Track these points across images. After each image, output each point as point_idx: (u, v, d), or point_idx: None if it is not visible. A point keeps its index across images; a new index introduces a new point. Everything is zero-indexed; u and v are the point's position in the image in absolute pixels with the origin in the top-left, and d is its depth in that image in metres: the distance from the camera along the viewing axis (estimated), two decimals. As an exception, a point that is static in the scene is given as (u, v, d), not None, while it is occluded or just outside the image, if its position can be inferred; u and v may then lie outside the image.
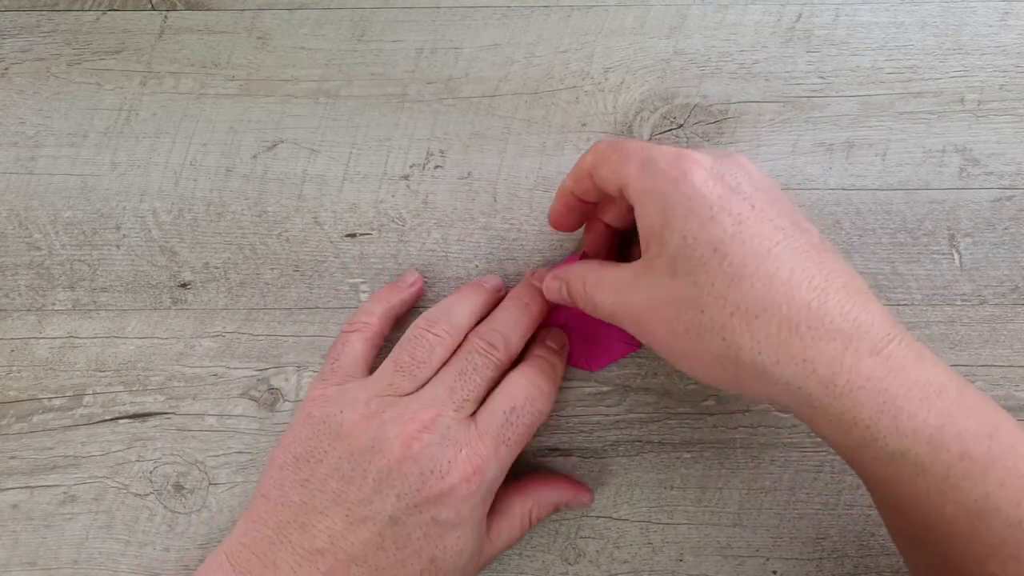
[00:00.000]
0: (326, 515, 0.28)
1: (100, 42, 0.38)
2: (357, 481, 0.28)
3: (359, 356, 0.33)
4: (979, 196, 0.36)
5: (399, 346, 0.32)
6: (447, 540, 0.29)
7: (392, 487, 0.28)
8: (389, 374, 0.31)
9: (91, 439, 0.36)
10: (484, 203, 0.37)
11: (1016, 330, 0.36)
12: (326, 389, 0.32)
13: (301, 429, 0.31)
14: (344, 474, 0.29)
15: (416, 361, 0.31)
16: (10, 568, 0.35)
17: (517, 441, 0.30)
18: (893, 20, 0.37)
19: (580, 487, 0.34)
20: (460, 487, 0.28)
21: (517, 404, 0.31)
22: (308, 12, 0.38)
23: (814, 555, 0.35)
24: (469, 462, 0.29)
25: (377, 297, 0.35)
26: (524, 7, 0.38)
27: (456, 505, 0.28)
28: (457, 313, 0.32)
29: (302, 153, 0.37)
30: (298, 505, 0.29)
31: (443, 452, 0.29)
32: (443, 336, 0.31)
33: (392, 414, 0.29)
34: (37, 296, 0.37)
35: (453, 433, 0.29)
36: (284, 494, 0.29)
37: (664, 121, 0.37)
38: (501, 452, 0.30)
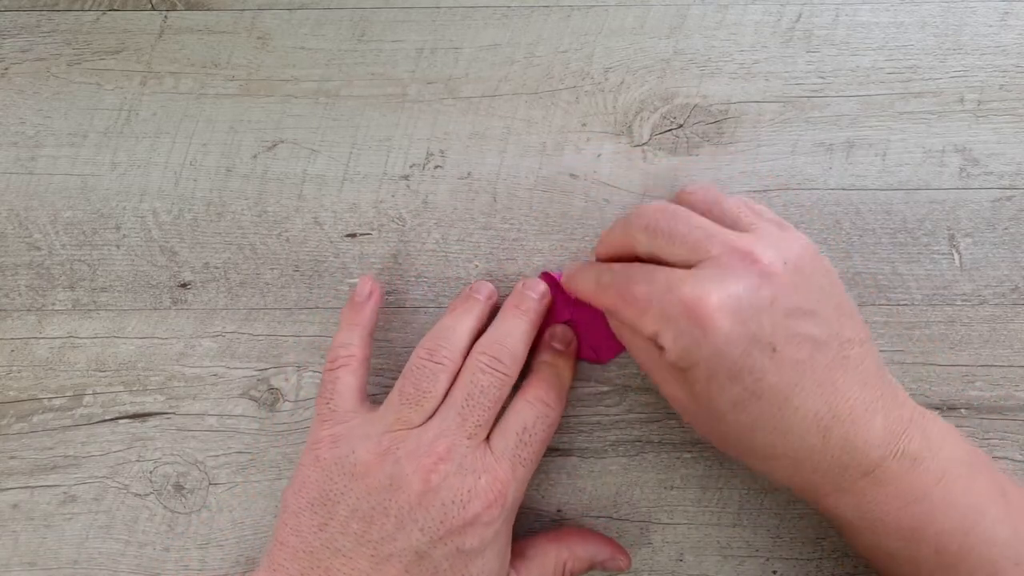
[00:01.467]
0: (350, 557, 0.28)
1: (100, 42, 0.38)
2: (379, 520, 0.28)
3: (353, 391, 0.32)
4: (979, 196, 0.36)
5: (403, 378, 0.31)
6: (472, 568, 0.29)
7: (415, 522, 0.28)
8: (396, 408, 0.30)
9: (91, 439, 0.36)
10: (484, 203, 0.37)
11: (1016, 330, 0.36)
12: (333, 429, 0.31)
13: (311, 472, 0.30)
14: (364, 514, 0.28)
15: (421, 391, 0.30)
16: (10, 568, 0.35)
17: (532, 459, 0.31)
18: (893, 20, 0.37)
19: (619, 548, 0.34)
20: (483, 515, 0.28)
21: (528, 423, 0.31)
22: (308, 12, 0.38)
23: (814, 555, 0.35)
24: (490, 489, 0.29)
25: (345, 324, 0.33)
26: (524, 7, 0.38)
27: (480, 532, 0.28)
28: (456, 335, 0.32)
29: (302, 153, 0.37)
30: (320, 549, 0.29)
31: (462, 482, 0.29)
32: (445, 363, 0.31)
33: (407, 449, 0.29)
34: (37, 296, 0.37)
35: (470, 461, 0.29)
36: (304, 540, 0.29)
37: (664, 121, 0.37)
38: (519, 473, 0.30)
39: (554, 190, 0.37)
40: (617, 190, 0.37)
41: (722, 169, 0.37)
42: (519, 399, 0.32)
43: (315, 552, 0.29)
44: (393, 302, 0.36)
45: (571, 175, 0.37)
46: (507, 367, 0.31)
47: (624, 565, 0.33)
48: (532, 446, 0.31)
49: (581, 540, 0.33)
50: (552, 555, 0.32)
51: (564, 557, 0.32)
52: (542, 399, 0.31)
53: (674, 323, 0.27)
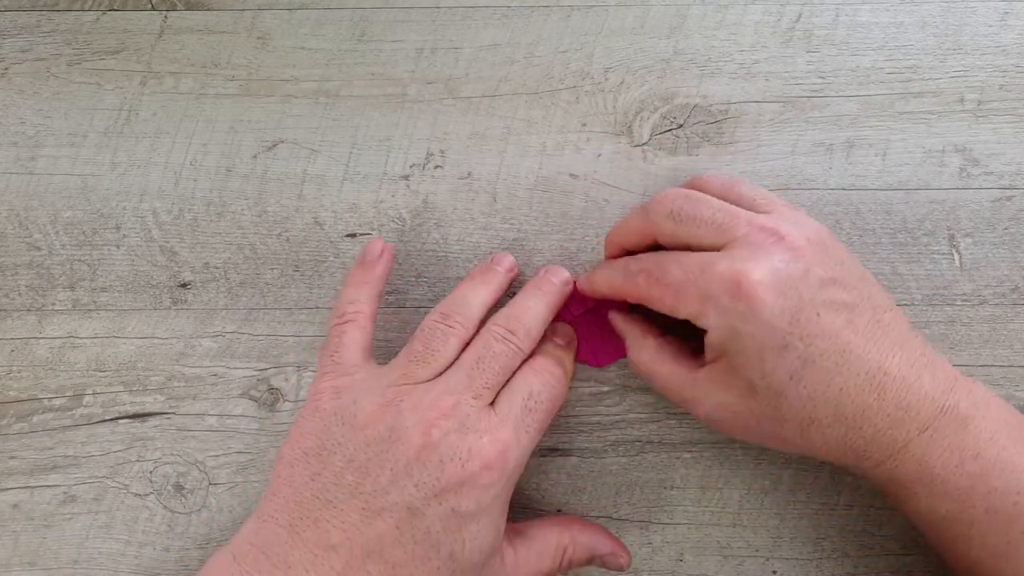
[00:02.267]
0: (341, 509, 0.27)
1: (100, 42, 0.38)
2: (374, 471, 0.28)
3: (359, 346, 0.32)
4: (979, 196, 0.36)
5: (413, 338, 0.31)
6: (466, 533, 0.28)
7: (410, 476, 0.27)
8: (403, 364, 0.30)
9: (91, 439, 0.36)
10: (484, 203, 0.37)
11: (1016, 330, 0.36)
12: (336, 381, 0.30)
13: (310, 423, 0.30)
14: (360, 465, 0.28)
15: (431, 350, 0.30)
16: (10, 568, 0.35)
17: (537, 428, 0.30)
18: (893, 20, 0.37)
19: (621, 546, 0.33)
20: (482, 475, 0.28)
21: (534, 390, 0.30)
22: (308, 12, 0.38)
23: (814, 555, 0.35)
24: (490, 449, 0.28)
25: (353, 281, 0.33)
26: (524, 7, 0.38)
27: (477, 494, 0.28)
28: (471, 302, 0.32)
29: (302, 153, 0.37)
30: (310, 500, 0.28)
31: (463, 440, 0.28)
32: (456, 328, 0.31)
33: (410, 402, 0.29)
34: (37, 296, 0.37)
35: (473, 420, 0.28)
36: (295, 490, 0.28)
37: (664, 121, 0.37)
38: (522, 439, 0.29)
39: (554, 190, 0.37)
40: (617, 190, 0.37)
41: (722, 169, 0.37)
42: (526, 367, 0.31)
43: (305, 503, 0.28)
44: (393, 302, 0.36)
45: (571, 175, 0.37)
46: (521, 340, 0.31)
47: (624, 564, 0.33)
48: (537, 413, 0.30)
49: (585, 529, 0.33)
50: (553, 538, 0.31)
51: (565, 542, 0.32)
52: (549, 370, 0.31)
53: (715, 301, 0.28)
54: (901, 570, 0.35)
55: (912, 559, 0.35)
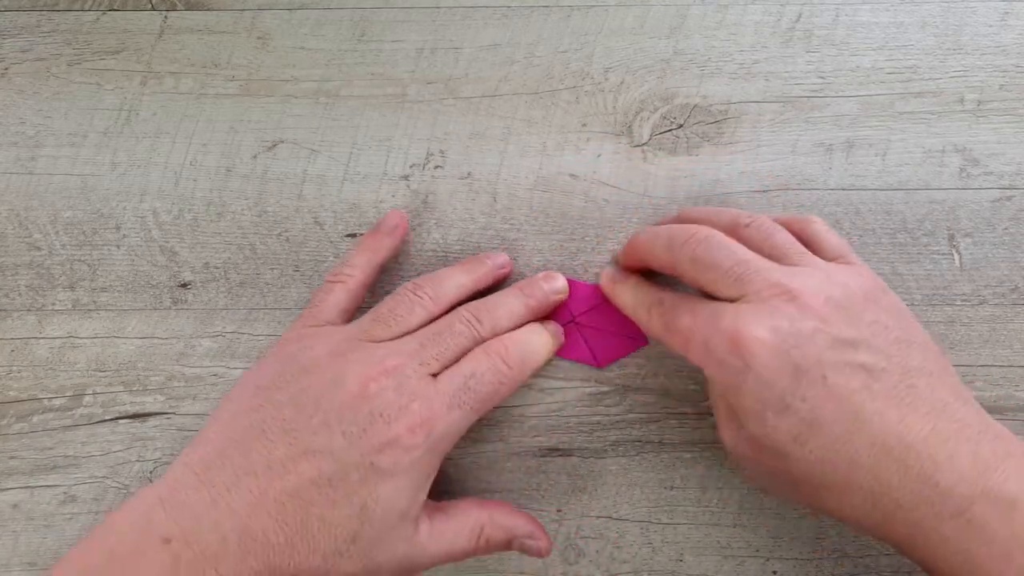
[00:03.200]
0: (271, 440, 0.28)
1: (100, 42, 0.38)
2: (308, 411, 0.29)
3: (339, 304, 0.33)
4: (979, 196, 0.36)
5: (381, 302, 0.32)
6: (381, 489, 0.28)
7: (340, 423, 0.28)
8: (366, 323, 0.31)
9: (91, 439, 0.36)
10: (484, 203, 0.37)
11: (1016, 330, 0.36)
12: (303, 329, 0.32)
13: (270, 360, 0.31)
14: (299, 403, 0.29)
15: (394, 314, 0.31)
16: (10, 568, 0.35)
17: (473, 408, 0.30)
18: (893, 20, 0.37)
19: (541, 529, 0.33)
20: (404, 437, 0.28)
21: (479, 371, 0.30)
22: (308, 12, 0.38)
23: (814, 555, 0.35)
24: (417, 414, 0.29)
25: (361, 247, 0.35)
26: (524, 7, 0.38)
27: (396, 454, 0.28)
28: (446, 283, 0.33)
29: (302, 153, 0.37)
30: (247, 428, 0.29)
31: (396, 398, 0.29)
32: (425, 300, 0.32)
33: (358, 356, 0.30)
34: (37, 296, 0.37)
35: (411, 384, 0.29)
36: (235, 417, 0.29)
37: (664, 121, 0.37)
38: (454, 415, 0.29)
39: (554, 190, 0.37)
40: (617, 190, 0.37)
41: (722, 169, 0.37)
42: (480, 348, 0.31)
43: (241, 429, 0.29)
44: (393, 302, 0.36)
45: (571, 175, 0.37)
46: (486, 328, 0.31)
47: (543, 548, 0.32)
48: (476, 393, 0.30)
49: (504, 511, 0.32)
50: (473, 516, 0.31)
51: (483, 520, 0.31)
52: (501, 355, 0.31)
53: (715, 355, 0.27)
54: (901, 570, 0.35)
55: (912, 559, 0.35)
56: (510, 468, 0.36)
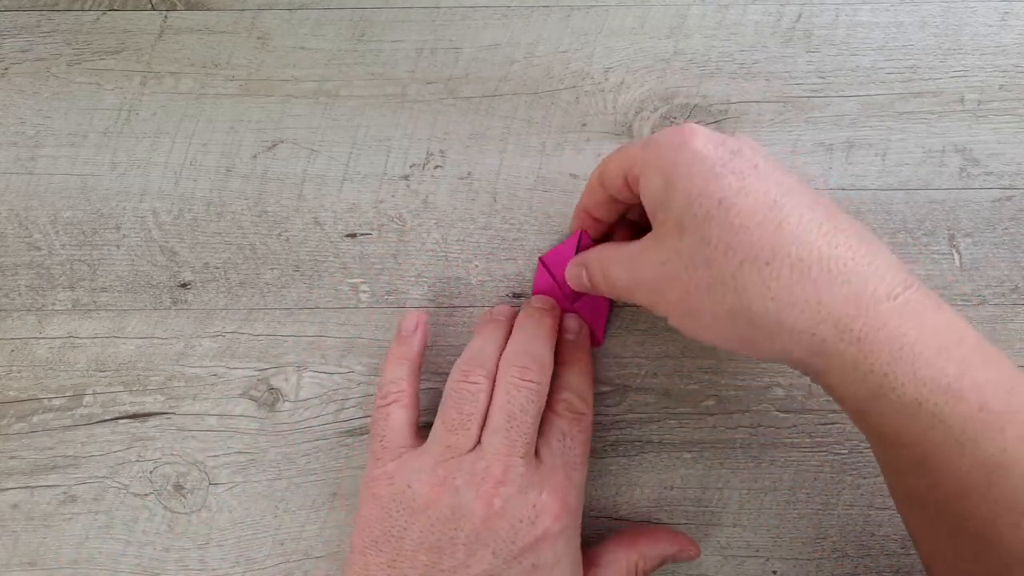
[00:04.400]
0: None
1: (100, 42, 0.38)
2: (448, 549, 0.28)
3: (404, 425, 0.32)
4: (979, 196, 0.36)
5: (443, 405, 0.31)
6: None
7: (486, 546, 0.28)
8: (443, 435, 0.30)
9: (91, 439, 0.36)
10: (484, 203, 0.37)
11: (1016, 330, 0.36)
12: (385, 467, 0.31)
13: (372, 511, 0.30)
14: (432, 545, 0.28)
15: (464, 415, 0.30)
16: (10, 568, 0.35)
17: (580, 461, 0.31)
18: (893, 20, 0.37)
19: (686, 540, 0.34)
20: (552, 527, 0.29)
21: (564, 429, 0.31)
22: (308, 12, 0.38)
23: (814, 555, 0.35)
24: (553, 501, 0.29)
25: (393, 358, 0.33)
26: (524, 7, 0.38)
27: (552, 544, 0.29)
28: (486, 353, 0.32)
29: (302, 153, 0.37)
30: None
31: (525, 501, 0.29)
32: (481, 382, 0.31)
33: (463, 477, 0.29)
34: (37, 296, 0.37)
35: (528, 479, 0.29)
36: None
37: (664, 121, 0.37)
38: (574, 477, 0.30)
39: (554, 190, 0.37)
40: (617, 190, 0.37)
41: (722, 169, 0.37)
42: (548, 412, 0.32)
43: None
44: (393, 302, 0.36)
45: (571, 175, 0.37)
46: (537, 375, 0.31)
47: (695, 554, 0.34)
48: (576, 449, 0.31)
49: (650, 540, 0.33)
50: (623, 559, 0.32)
51: (635, 559, 0.32)
52: (569, 408, 0.32)
53: (655, 144, 0.28)
54: (901, 570, 0.35)
55: (912, 559, 0.35)
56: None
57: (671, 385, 0.36)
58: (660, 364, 0.36)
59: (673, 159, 0.27)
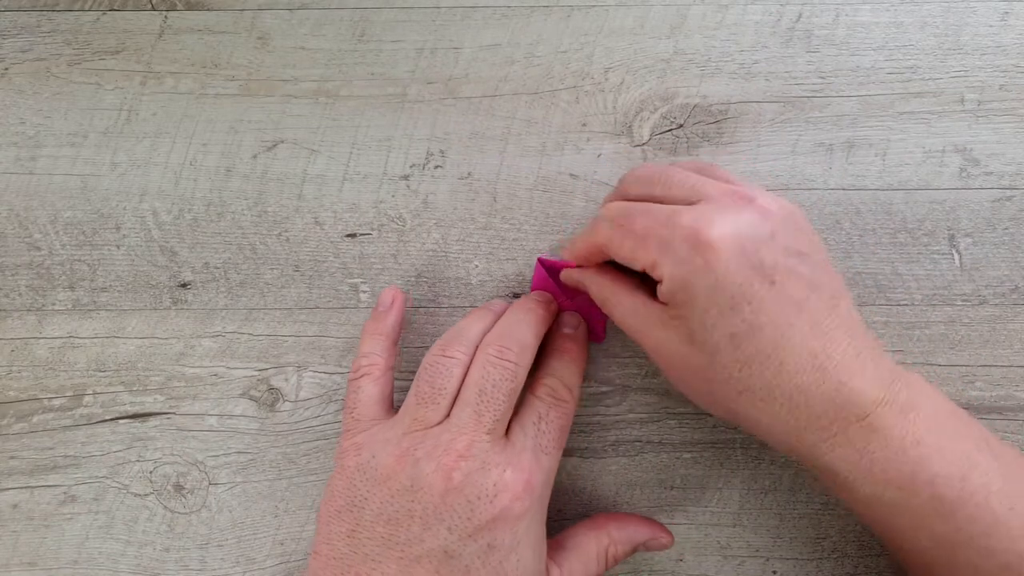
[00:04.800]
0: (379, 561, 0.28)
1: (100, 42, 0.38)
2: (404, 522, 0.28)
3: (374, 398, 0.32)
4: (979, 196, 0.36)
5: (417, 378, 0.31)
6: (507, 565, 0.28)
7: (441, 522, 0.28)
8: (413, 408, 0.30)
9: (91, 439, 0.36)
10: (484, 203, 0.37)
11: (1016, 330, 0.36)
12: (355, 438, 0.31)
13: (338, 482, 0.30)
14: (390, 517, 0.28)
15: (436, 389, 0.30)
16: (10, 568, 0.35)
17: (554, 447, 0.30)
18: (893, 20, 0.37)
19: (658, 527, 0.33)
20: (512, 507, 0.28)
21: (542, 412, 0.31)
22: (308, 12, 0.38)
23: (814, 555, 0.35)
24: (516, 480, 0.28)
25: (368, 333, 0.33)
26: (524, 7, 0.38)
27: (511, 525, 0.28)
28: (467, 333, 0.32)
29: (302, 153, 0.37)
30: (349, 556, 0.28)
31: (486, 477, 0.28)
32: (458, 356, 0.31)
33: (425, 449, 0.29)
34: (37, 296, 0.37)
35: (492, 456, 0.29)
36: (334, 548, 0.29)
37: (664, 121, 0.37)
38: (543, 462, 0.30)
39: (554, 190, 0.37)
40: (617, 190, 0.37)
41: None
42: (528, 394, 0.31)
43: (345, 558, 0.28)
44: (393, 302, 0.36)
45: (571, 175, 0.37)
46: (516, 356, 0.30)
47: (667, 542, 0.33)
48: (551, 434, 0.30)
49: (619, 524, 0.33)
50: (592, 543, 0.31)
51: (605, 544, 0.32)
52: (551, 393, 0.31)
53: (674, 251, 0.27)
54: (901, 570, 0.35)
55: (912, 559, 0.35)
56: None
57: (671, 385, 0.36)
58: (660, 364, 0.36)
59: (693, 283, 0.27)
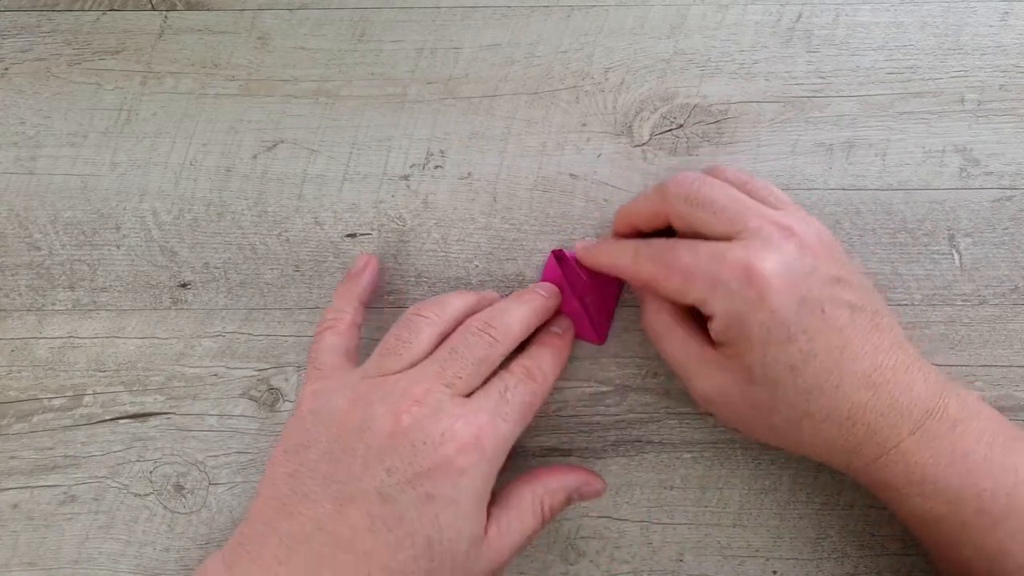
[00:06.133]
0: (315, 500, 0.27)
1: (100, 42, 0.38)
2: (346, 460, 0.27)
3: (336, 349, 0.32)
4: (979, 196, 0.36)
5: (388, 332, 0.31)
6: (443, 519, 0.27)
7: (382, 462, 0.27)
8: (377, 358, 0.30)
9: (91, 439, 0.36)
10: (484, 203, 0.37)
11: (1016, 330, 0.36)
12: (315, 385, 0.31)
13: (292, 424, 0.30)
14: (334, 456, 0.28)
15: (401, 341, 0.30)
16: (10, 568, 0.35)
17: (515, 418, 0.29)
18: (893, 20, 0.37)
19: (590, 474, 0.33)
20: (457, 458, 0.27)
21: (510, 384, 0.30)
22: (308, 12, 0.38)
23: (814, 555, 0.35)
24: (465, 431, 0.27)
25: (338, 293, 0.34)
26: (524, 7, 0.38)
27: (452, 478, 0.27)
28: (449, 302, 0.32)
29: (302, 153, 0.37)
30: (287, 495, 0.28)
31: (436, 424, 0.27)
32: (431, 317, 0.31)
33: (381, 393, 0.29)
34: (37, 296, 0.37)
35: (447, 406, 0.28)
36: (275, 488, 0.29)
37: (664, 121, 0.37)
38: (500, 427, 0.29)
39: (554, 190, 0.37)
40: (617, 190, 0.37)
41: (722, 169, 0.37)
42: (501, 369, 0.31)
43: (283, 498, 0.28)
44: (393, 302, 0.36)
45: (571, 175, 0.37)
46: (499, 333, 0.30)
47: (599, 487, 0.33)
48: (514, 405, 0.29)
49: (551, 474, 0.32)
50: (527, 495, 0.31)
51: (540, 494, 0.31)
52: (524, 370, 0.31)
53: (725, 288, 0.28)
54: (901, 570, 0.35)
55: (912, 559, 0.35)
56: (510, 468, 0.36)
57: (671, 385, 0.36)
58: (660, 364, 0.36)
59: (749, 319, 0.28)
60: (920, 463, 0.28)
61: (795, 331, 0.28)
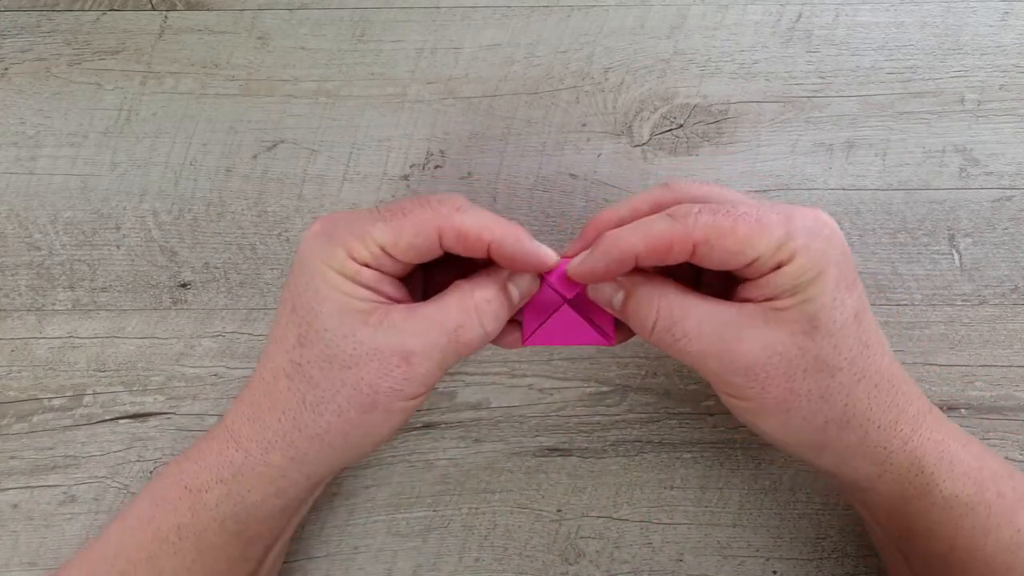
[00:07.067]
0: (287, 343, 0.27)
1: (100, 42, 0.38)
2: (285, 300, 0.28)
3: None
4: (979, 196, 0.36)
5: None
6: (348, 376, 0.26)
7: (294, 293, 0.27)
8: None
9: (91, 439, 0.36)
10: (484, 203, 0.37)
11: (1016, 330, 0.36)
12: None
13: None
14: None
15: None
16: (10, 568, 0.35)
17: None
18: (893, 20, 0.37)
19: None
20: (307, 237, 0.27)
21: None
22: (308, 12, 0.38)
23: (814, 555, 0.35)
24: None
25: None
26: (524, 7, 0.38)
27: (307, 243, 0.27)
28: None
29: (302, 153, 0.37)
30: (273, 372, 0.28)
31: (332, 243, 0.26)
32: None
33: (339, 216, 0.28)
34: (37, 296, 0.37)
35: (367, 216, 0.26)
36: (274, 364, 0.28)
37: (664, 121, 0.37)
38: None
39: (554, 190, 0.37)
40: (617, 190, 0.37)
41: (722, 169, 0.37)
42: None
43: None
44: (393, 302, 0.36)
45: (571, 175, 0.37)
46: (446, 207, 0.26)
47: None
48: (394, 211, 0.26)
49: (483, 274, 0.28)
50: (455, 290, 0.28)
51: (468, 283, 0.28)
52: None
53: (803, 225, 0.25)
54: (901, 570, 0.35)
55: (912, 559, 0.35)
56: (510, 468, 0.36)
57: (671, 385, 0.36)
58: (660, 364, 0.36)
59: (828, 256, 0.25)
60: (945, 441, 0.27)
61: (855, 278, 0.26)
